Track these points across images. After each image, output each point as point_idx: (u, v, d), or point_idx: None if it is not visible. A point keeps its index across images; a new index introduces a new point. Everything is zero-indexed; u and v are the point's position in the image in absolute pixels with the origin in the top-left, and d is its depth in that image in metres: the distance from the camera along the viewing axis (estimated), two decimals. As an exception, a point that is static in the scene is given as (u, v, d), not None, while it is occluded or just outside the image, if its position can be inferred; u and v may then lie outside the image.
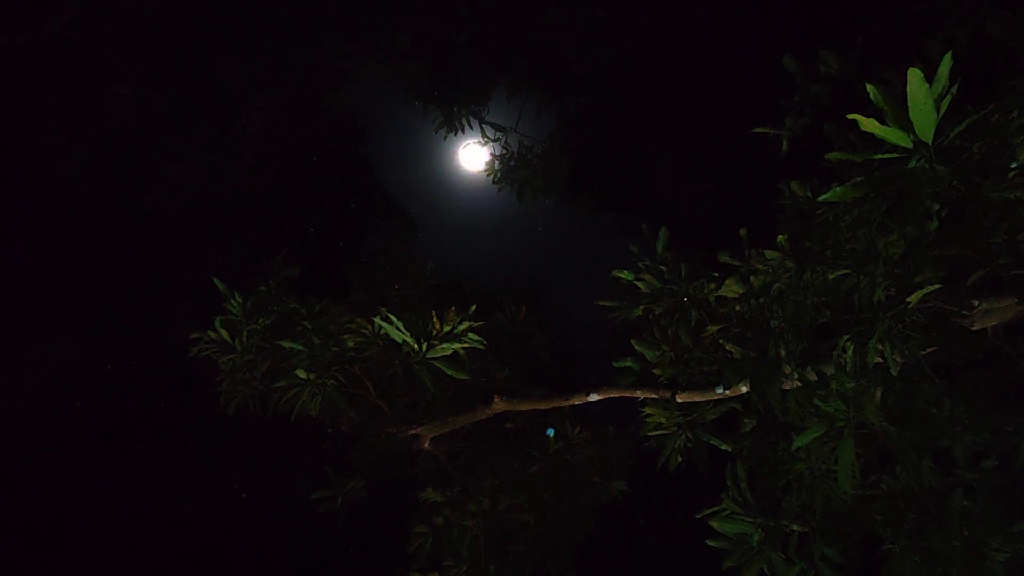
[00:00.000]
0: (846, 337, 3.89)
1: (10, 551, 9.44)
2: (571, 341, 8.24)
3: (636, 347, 5.45)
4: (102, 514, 9.88)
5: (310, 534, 8.71)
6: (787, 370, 4.39)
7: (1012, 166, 3.11)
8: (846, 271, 3.94)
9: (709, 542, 5.04)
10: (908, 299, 3.58)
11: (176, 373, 8.76)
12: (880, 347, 3.75)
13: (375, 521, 7.26)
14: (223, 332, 5.83)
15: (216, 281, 5.81)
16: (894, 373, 3.76)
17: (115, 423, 9.89)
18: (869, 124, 2.83)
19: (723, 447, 5.47)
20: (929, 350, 3.97)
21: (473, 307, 5.70)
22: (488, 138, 9.30)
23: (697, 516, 5.11)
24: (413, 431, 6.44)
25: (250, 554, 9.60)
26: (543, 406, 6.25)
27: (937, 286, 3.54)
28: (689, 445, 5.55)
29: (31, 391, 9.84)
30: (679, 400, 5.38)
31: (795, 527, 4.92)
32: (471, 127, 9.51)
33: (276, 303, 5.90)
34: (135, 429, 9.89)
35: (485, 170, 9.27)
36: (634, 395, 5.65)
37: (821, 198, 3.11)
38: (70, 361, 9.66)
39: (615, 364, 5.69)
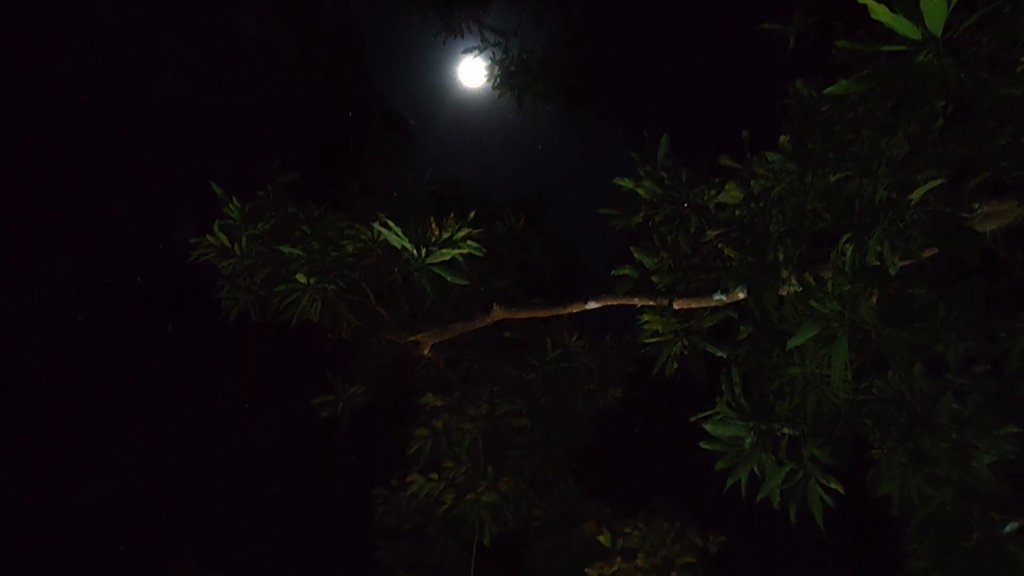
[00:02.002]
0: (845, 238, 3.89)
1: (11, 463, 9.66)
2: (570, 250, 8.26)
3: (635, 255, 5.46)
4: (104, 424, 10.07)
5: (312, 439, 8.90)
6: (785, 274, 4.42)
7: (1022, 59, 3.06)
8: (848, 173, 3.93)
9: (703, 444, 5.15)
10: (910, 196, 3.57)
11: (176, 282, 8.82)
12: (879, 248, 3.76)
13: (376, 426, 7.42)
14: (222, 237, 5.84)
15: (214, 186, 5.79)
16: (893, 273, 3.79)
17: (116, 332, 9.98)
18: (880, 11, 2.78)
19: (719, 354, 5.55)
20: (928, 253, 3.99)
21: (472, 214, 5.70)
22: (488, 43, 9.10)
23: (691, 419, 5.20)
24: (413, 338, 6.50)
25: (253, 460, 9.82)
26: (541, 314, 6.30)
27: (940, 181, 3.53)
28: (685, 352, 5.64)
29: (31, 302, 9.91)
30: (676, 307, 5.43)
31: (786, 430, 5.02)
32: (471, 31, 9.31)
33: (275, 208, 5.89)
34: (137, 339, 9.99)
35: (485, 77, 9.11)
36: (632, 303, 5.70)
37: (827, 91, 3.08)
38: (70, 271, 9.70)
39: (613, 272, 5.72)
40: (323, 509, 9.32)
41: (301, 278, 5.54)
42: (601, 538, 6.55)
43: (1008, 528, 5.54)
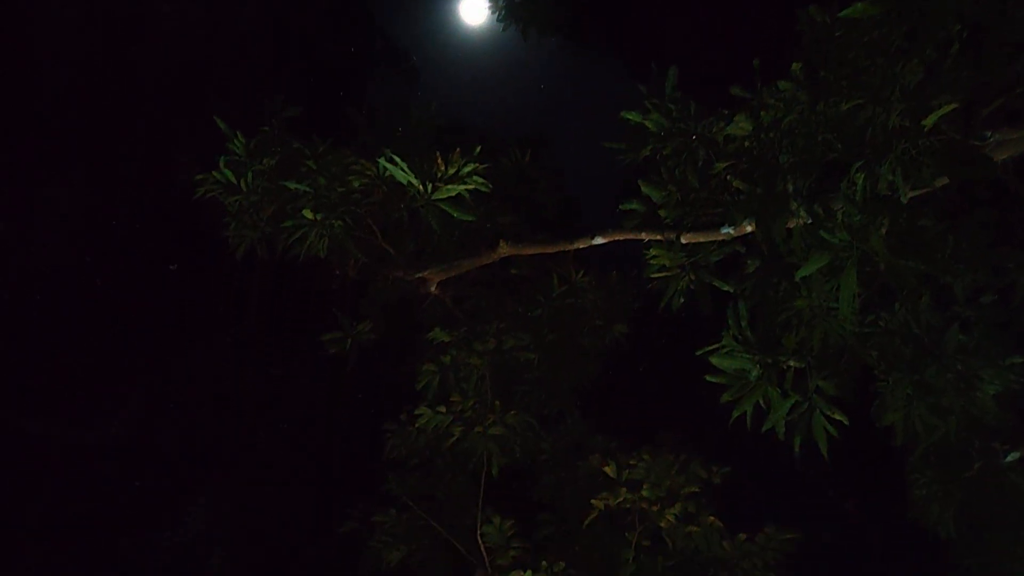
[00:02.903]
0: (856, 166, 3.86)
1: (26, 403, 9.78)
2: (577, 186, 8.22)
3: (642, 189, 5.43)
4: (115, 364, 10.17)
5: (321, 376, 9.00)
6: (794, 206, 4.39)
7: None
8: (861, 101, 3.87)
9: (708, 378, 5.17)
10: (923, 122, 3.52)
11: (183, 222, 8.82)
12: (891, 176, 3.73)
13: (384, 362, 7.49)
14: (227, 173, 5.81)
15: (218, 121, 5.74)
16: (903, 201, 3.76)
17: (124, 273, 10.02)
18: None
19: (725, 288, 5.55)
20: (939, 183, 3.95)
21: (478, 148, 5.65)
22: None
23: (697, 353, 5.22)
24: (419, 275, 6.52)
25: (263, 397, 9.95)
26: (548, 250, 6.31)
27: (953, 105, 3.48)
28: (692, 287, 5.64)
29: (37, 244, 9.92)
30: (683, 241, 5.41)
31: (792, 363, 5.04)
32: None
33: (279, 144, 5.85)
34: (145, 278, 10.03)
35: (489, 10, 8.93)
36: (639, 237, 5.69)
37: (842, 14, 3.02)
38: (76, 212, 9.69)
39: (621, 207, 5.69)
40: (333, 444, 9.47)
41: (308, 214, 5.53)
42: (607, 469, 6.65)
43: (1010, 458, 5.62)
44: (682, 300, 5.71)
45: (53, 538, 9.31)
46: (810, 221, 4.24)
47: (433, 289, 6.68)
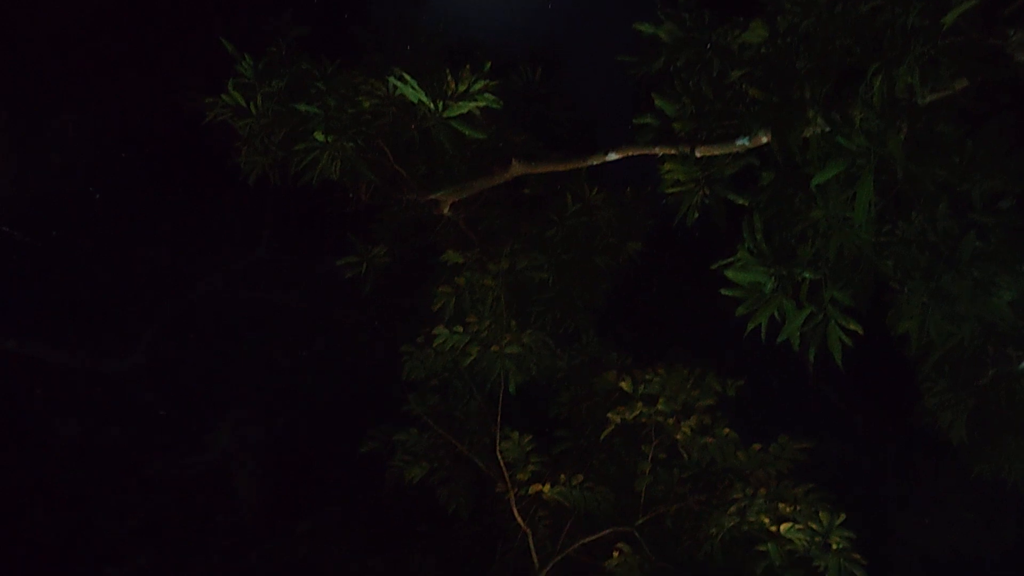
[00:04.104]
0: (874, 68, 3.79)
1: (41, 336, 9.93)
2: (589, 102, 8.12)
3: (656, 102, 5.37)
4: (131, 295, 10.28)
5: (338, 300, 9.08)
6: (811, 114, 4.34)
7: None
8: (879, 2, 3.78)
9: (723, 291, 5.18)
10: (942, 20, 3.45)
11: (195, 149, 8.78)
12: (909, 79, 3.67)
13: (400, 285, 7.55)
14: (236, 96, 5.77)
15: (224, 43, 5.67)
16: (921, 103, 3.71)
17: (137, 203, 10.05)
18: None
19: (740, 202, 5.53)
20: (958, 86, 3.89)
21: (488, 64, 5.58)
22: None
23: (712, 267, 5.23)
24: (432, 197, 6.51)
25: (280, 323, 10.08)
26: (561, 168, 6.27)
27: (973, 2, 3.39)
28: (706, 201, 5.63)
29: (49, 175, 9.93)
30: (698, 155, 5.37)
31: (807, 274, 5.04)
32: None
33: (288, 65, 5.79)
34: (158, 208, 10.06)
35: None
36: (653, 152, 5.65)
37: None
38: (86, 141, 9.66)
39: (634, 121, 5.64)
40: (352, 367, 9.61)
41: (319, 136, 5.51)
42: (623, 385, 6.75)
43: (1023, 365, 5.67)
44: (696, 215, 5.71)
45: (81, 466, 9.58)
46: (827, 129, 4.19)
47: (446, 211, 6.68)
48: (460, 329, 6.70)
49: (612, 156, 5.83)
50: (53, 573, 8.48)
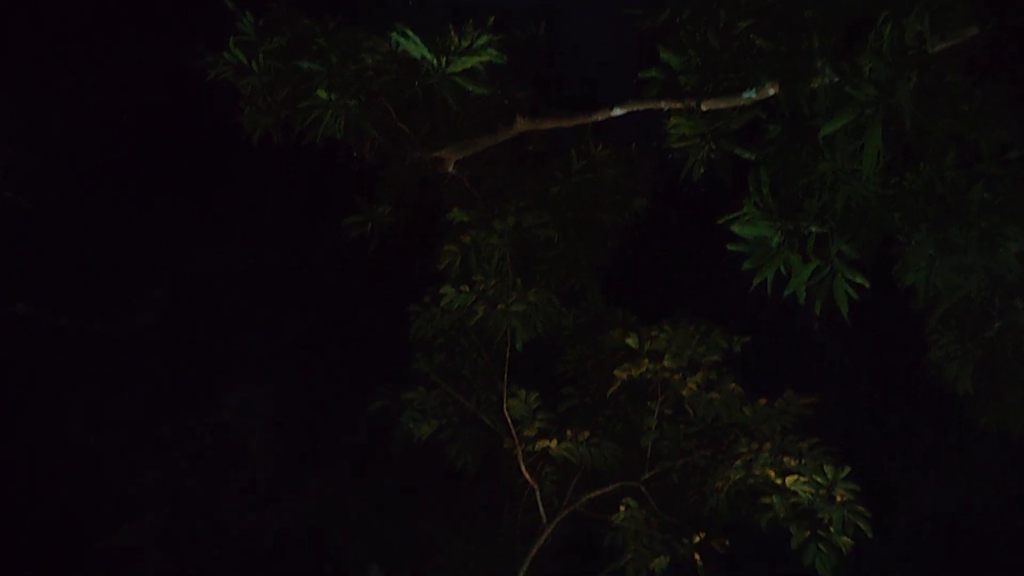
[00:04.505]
0: (883, 16, 3.74)
1: (50, 300, 9.98)
2: (594, 57, 8.04)
3: (662, 55, 5.31)
4: (137, 256, 10.30)
5: (344, 259, 9.07)
6: (819, 64, 4.29)
7: None
8: (889, -53, 3.72)
9: (729, 246, 5.16)
10: (954, -36, 3.40)
11: (198, 110, 8.75)
12: (919, 26, 3.62)
13: (405, 244, 7.55)
14: (238, 53, 5.72)
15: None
16: (931, 51, 3.67)
17: (140, 165, 10.03)
18: None
19: (746, 156, 5.49)
20: (969, 34, 3.84)
21: (491, 19, 5.52)
22: None
23: (718, 221, 5.21)
24: (436, 155, 6.47)
25: (286, 284, 10.11)
26: (566, 124, 6.23)
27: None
28: (712, 155, 5.59)
29: (52, 139, 9.91)
30: (704, 108, 5.32)
31: (814, 228, 5.02)
32: None
33: (289, 22, 5.73)
34: (161, 170, 10.04)
35: None
36: (658, 107, 5.60)
37: None
38: (88, 103, 9.61)
39: (640, 75, 5.59)
40: (359, 327, 9.67)
41: (322, 94, 5.46)
42: (629, 341, 6.79)
43: (1030, 316, 5.67)
44: (702, 170, 5.68)
45: (94, 427, 9.70)
46: (836, 79, 4.14)
47: (450, 169, 6.64)
48: (466, 288, 6.72)
49: (617, 111, 5.78)
50: (71, 531, 8.63)
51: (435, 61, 5.36)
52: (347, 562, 8.69)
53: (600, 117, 5.86)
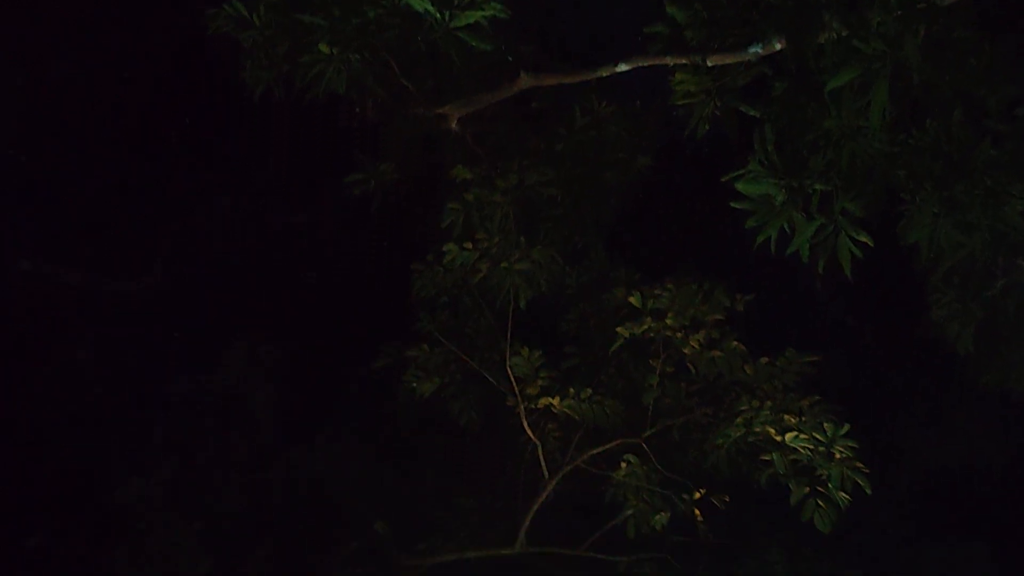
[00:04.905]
0: (893, -33, 3.69)
1: (56, 257, 9.98)
2: (599, 11, 7.93)
3: (667, 9, 5.25)
4: (142, 216, 10.29)
5: (347, 219, 9.07)
6: (826, 17, 4.24)
7: None
8: None
9: (733, 204, 5.15)
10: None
11: (199, 67, 8.68)
12: (929, -23, 3.57)
13: (408, 202, 7.55)
14: (239, 5, 5.67)
15: (224, -49, 5.55)
16: (940, 4, 3.62)
17: (144, 123, 9.98)
18: None
19: (752, 113, 5.45)
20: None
21: (495, -27, 5.44)
22: None
23: (722, 179, 5.19)
24: (439, 111, 6.44)
25: (291, 241, 10.11)
26: (570, 80, 6.17)
27: None
28: (717, 112, 5.56)
29: (52, 98, 9.84)
30: (710, 64, 5.28)
31: (818, 186, 5.00)
32: None
33: (291, -26, 5.66)
34: (164, 127, 9.99)
35: None
36: (663, 62, 5.55)
37: None
38: (89, 61, 9.52)
39: (645, 30, 5.53)
40: (363, 286, 9.67)
41: (324, 48, 5.42)
42: (632, 299, 6.80)
43: (1033, 275, 5.67)
44: (707, 127, 5.64)
45: (101, 384, 9.78)
46: (843, 33, 4.10)
47: (453, 125, 6.60)
48: (469, 245, 6.72)
49: (622, 67, 5.72)
50: (81, 484, 8.76)
51: (438, 15, 5.29)
52: (352, 517, 8.81)
53: (604, 73, 5.81)
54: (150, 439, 9.44)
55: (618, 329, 6.80)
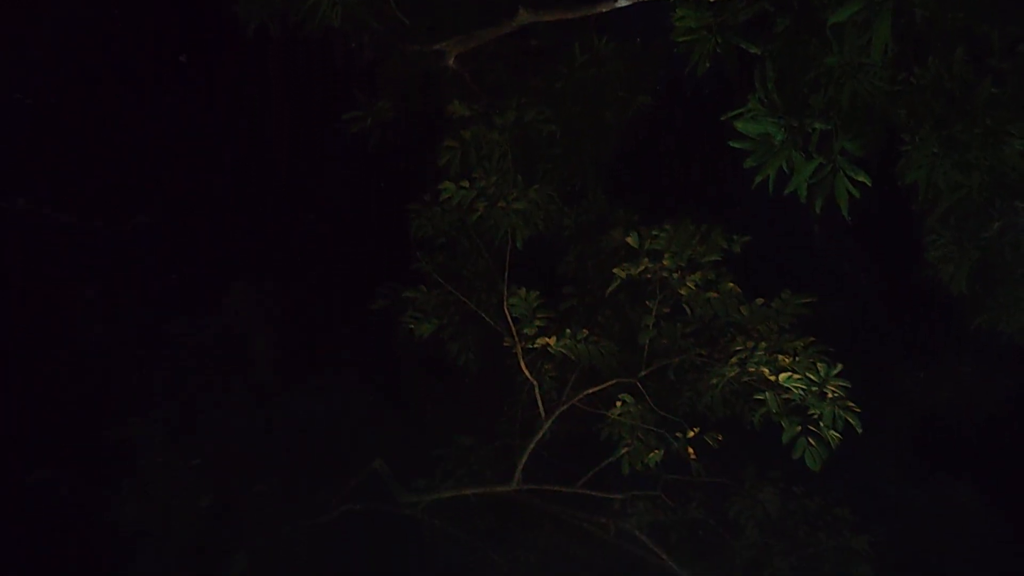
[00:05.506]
0: None
1: (51, 198, 9.92)
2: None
3: (669, -58, 5.14)
4: (136, 156, 10.21)
5: (345, 156, 8.99)
6: (829, -50, 4.16)
7: None
8: None
9: (732, 143, 5.11)
10: None
11: (192, 6, 8.53)
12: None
13: (405, 139, 7.47)
14: (231, -63, 5.56)
15: None
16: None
17: (139, 62, 9.84)
18: None
19: (753, 50, 5.38)
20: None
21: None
22: None
23: (722, 118, 5.15)
24: (437, 47, 6.36)
25: (288, 182, 10.05)
26: (569, 16, 6.09)
27: None
28: (718, 49, 5.48)
29: (45, 29, 9.68)
30: (710, -1, 5.19)
31: (818, 125, 4.97)
32: None
33: (284, -96, 5.54)
34: (157, 66, 9.85)
35: None
36: (663, -5, 5.46)
37: None
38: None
39: (646, -36, 5.43)
40: (359, 225, 9.65)
41: (319, -20, 5.33)
42: (629, 240, 6.78)
43: (1030, 217, 5.67)
44: (708, 65, 5.57)
45: (99, 325, 9.81)
46: (847, -35, 4.02)
47: (451, 63, 6.54)
48: (466, 184, 6.68)
49: (622, 2, 5.66)
50: (79, 422, 8.85)
51: (435, -53, 5.21)
52: (351, 456, 8.93)
53: (604, 8, 5.74)
54: (149, 379, 9.50)
55: (615, 270, 6.80)
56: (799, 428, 6.28)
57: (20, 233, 9.77)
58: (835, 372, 6.32)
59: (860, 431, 6.21)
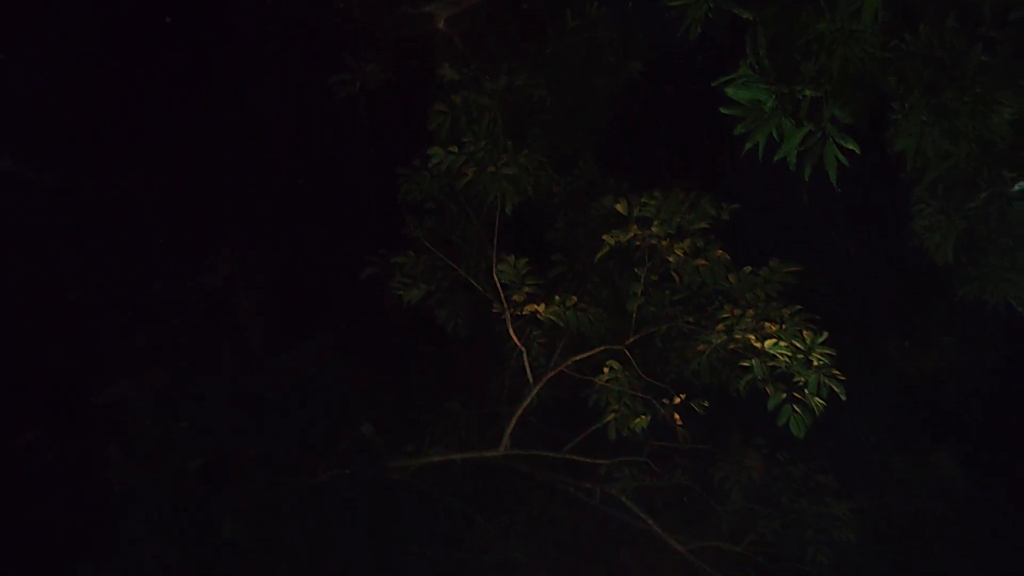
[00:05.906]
0: None
1: (32, 158, 9.82)
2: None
3: (662, -96, 5.08)
4: (125, 119, 10.10)
5: (334, 116, 8.89)
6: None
7: None
8: None
9: (723, 110, 5.10)
10: None
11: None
12: None
13: (394, 103, 7.41)
14: None
15: None
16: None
17: (124, 21, 9.69)
18: None
19: (745, 15, 5.34)
20: None
21: None
22: None
23: (712, 84, 5.13)
24: (426, 9, 6.29)
25: (275, 145, 9.95)
26: (561, -21, 6.03)
27: None
28: (710, 15, 5.44)
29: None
30: (704, -39, 5.14)
31: (808, 92, 4.96)
32: None
33: None
34: (146, 28, 9.71)
35: None
36: (657, -39, 5.41)
37: None
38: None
39: (638, -74, 5.37)
40: (348, 190, 9.58)
41: (306, -62, 5.25)
42: (618, 207, 6.78)
43: (1018, 187, 5.69)
44: (700, 30, 5.54)
45: (85, 285, 9.75)
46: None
47: (440, 26, 6.47)
48: (455, 149, 6.64)
49: (614, -34, 5.59)
50: (67, 385, 8.85)
51: (425, -95, 5.13)
52: (340, 420, 8.96)
53: (596, -28, 5.67)
54: (138, 342, 9.48)
55: (604, 237, 6.79)
56: (784, 395, 6.36)
57: (4, 194, 9.68)
58: (821, 340, 6.37)
59: (844, 399, 6.28)
